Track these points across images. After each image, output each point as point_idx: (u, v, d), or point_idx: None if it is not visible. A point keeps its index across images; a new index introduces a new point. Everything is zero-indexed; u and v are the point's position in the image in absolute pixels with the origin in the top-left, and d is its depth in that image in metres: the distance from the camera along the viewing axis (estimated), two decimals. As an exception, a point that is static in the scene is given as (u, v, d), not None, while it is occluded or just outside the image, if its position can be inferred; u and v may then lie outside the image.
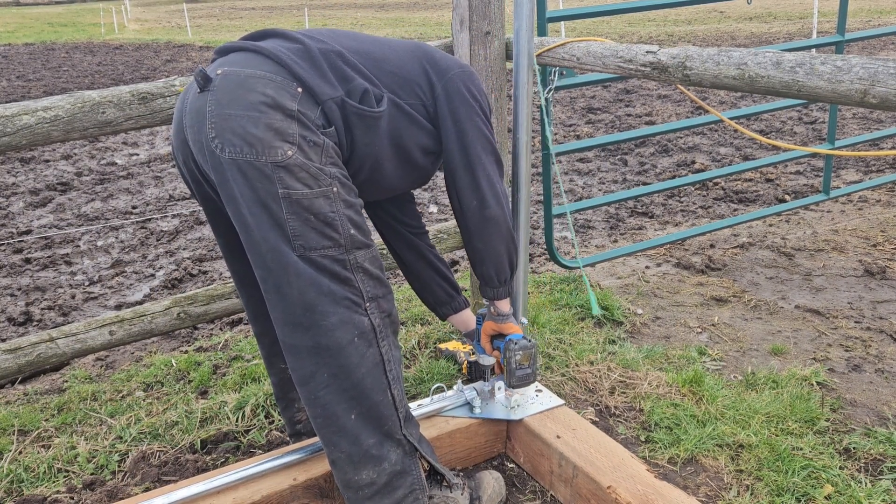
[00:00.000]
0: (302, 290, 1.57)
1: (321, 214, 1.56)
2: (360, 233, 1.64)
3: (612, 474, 1.88)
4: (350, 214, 1.61)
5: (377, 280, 1.67)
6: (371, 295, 1.65)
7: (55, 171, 6.53)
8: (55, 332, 2.23)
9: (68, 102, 1.98)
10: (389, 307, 1.70)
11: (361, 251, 1.64)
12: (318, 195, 1.55)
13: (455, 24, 2.62)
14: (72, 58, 16.04)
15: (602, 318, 2.97)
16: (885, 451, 2.08)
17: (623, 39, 15.16)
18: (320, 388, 1.62)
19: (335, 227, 1.58)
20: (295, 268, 1.56)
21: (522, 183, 2.16)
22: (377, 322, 1.65)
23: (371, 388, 1.64)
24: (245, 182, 1.52)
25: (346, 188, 1.61)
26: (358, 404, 1.64)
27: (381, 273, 1.69)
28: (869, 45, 12.24)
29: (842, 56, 1.53)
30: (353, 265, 1.62)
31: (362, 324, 1.63)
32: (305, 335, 1.60)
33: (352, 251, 1.61)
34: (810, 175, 5.34)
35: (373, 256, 1.67)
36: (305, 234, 1.56)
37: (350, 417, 1.64)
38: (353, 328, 1.61)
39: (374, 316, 1.65)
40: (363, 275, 1.64)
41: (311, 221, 1.55)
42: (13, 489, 2.09)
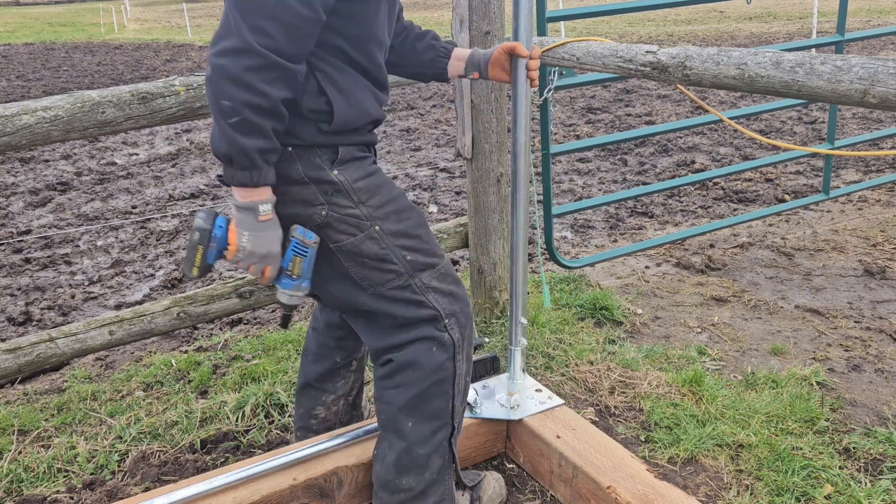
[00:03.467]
0: (384, 320, 1.69)
1: (373, 254, 1.63)
2: (420, 255, 1.69)
3: (612, 474, 1.88)
4: (402, 243, 1.67)
5: (450, 296, 1.72)
6: (448, 311, 1.71)
7: (55, 170, 6.52)
8: (55, 332, 2.23)
9: (68, 102, 1.98)
10: (466, 320, 1.76)
11: (426, 272, 1.69)
12: (364, 239, 1.62)
13: (455, 23, 2.62)
14: (71, 57, 16.04)
15: (602, 317, 2.97)
16: (885, 451, 2.08)
17: (623, 39, 15.16)
18: (390, 388, 1.71)
19: (391, 261, 1.65)
20: (372, 304, 1.67)
21: (522, 183, 2.16)
22: (457, 337, 1.72)
23: (435, 396, 1.71)
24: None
25: (388, 218, 1.66)
26: (419, 412, 1.71)
27: (453, 287, 1.74)
28: (869, 45, 12.23)
29: (842, 56, 1.53)
30: (422, 288, 1.68)
31: (442, 339, 1.70)
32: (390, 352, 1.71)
33: (415, 275, 1.68)
34: (810, 175, 5.34)
35: (441, 274, 1.72)
36: (369, 275, 1.65)
37: (408, 424, 1.71)
38: (433, 343, 1.69)
39: (454, 331, 1.72)
40: (434, 294, 1.70)
41: (368, 263, 1.64)
42: (13, 489, 2.09)
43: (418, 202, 5.13)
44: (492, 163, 2.73)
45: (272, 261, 1.57)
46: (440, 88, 9.89)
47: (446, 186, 5.52)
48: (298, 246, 1.62)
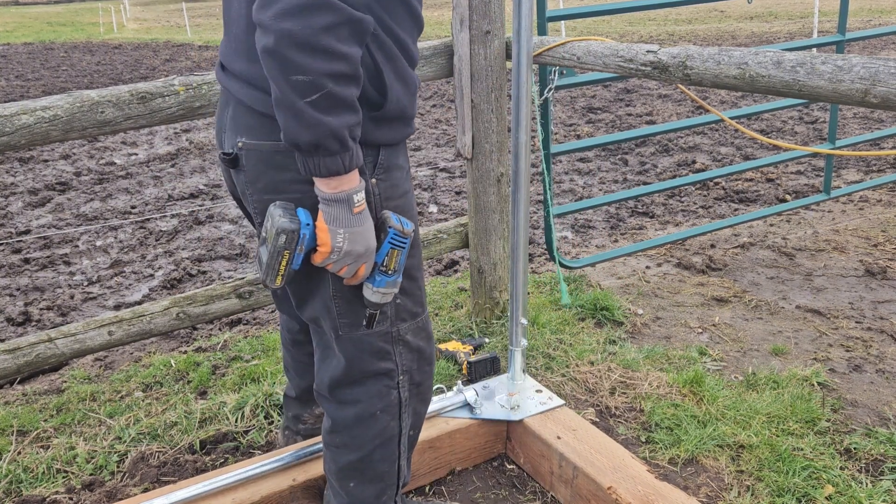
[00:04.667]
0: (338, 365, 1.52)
1: None
2: (410, 301, 1.52)
3: (613, 475, 1.88)
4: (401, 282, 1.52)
5: (417, 352, 1.56)
6: (405, 368, 1.55)
7: (54, 170, 6.52)
8: (54, 333, 2.22)
9: (67, 102, 1.98)
10: (422, 378, 1.60)
11: (406, 323, 1.52)
12: None
13: (455, 23, 2.62)
14: (70, 57, 16.04)
15: (602, 318, 2.96)
16: (886, 452, 2.08)
17: (623, 39, 15.16)
18: (331, 445, 1.61)
19: None
20: (336, 345, 1.50)
21: (522, 183, 2.15)
22: (404, 396, 1.57)
23: (379, 460, 1.60)
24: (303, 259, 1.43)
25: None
26: (361, 475, 1.60)
27: (423, 343, 1.57)
28: (870, 45, 12.23)
29: (843, 55, 1.53)
30: (396, 338, 1.52)
31: (389, 397, 1.55)
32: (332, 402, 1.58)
33: (396, 323, 1.51)
34: (811, 175, 5.34)
35: (418, 327, 1.55)
36: (352, 313, 1.45)
37: (350, 484, 1.62)
38: (378, 401, 1.54)
39: (404, 390, 1.57)
40: (403, 347, 1.54)
41: (355, 300, 1.44)
42: (12, 489, 2.08)
43: (418, 202, 5.13)
44: (492, 163, 2.73)
45: (369, 257, 1.36)
46: (440, 88, 9.89)
47: (446, 186, 5.52)
48: (397, 237, 1.40)
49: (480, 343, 2.73)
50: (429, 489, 2.10)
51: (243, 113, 1.37)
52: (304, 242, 1.32)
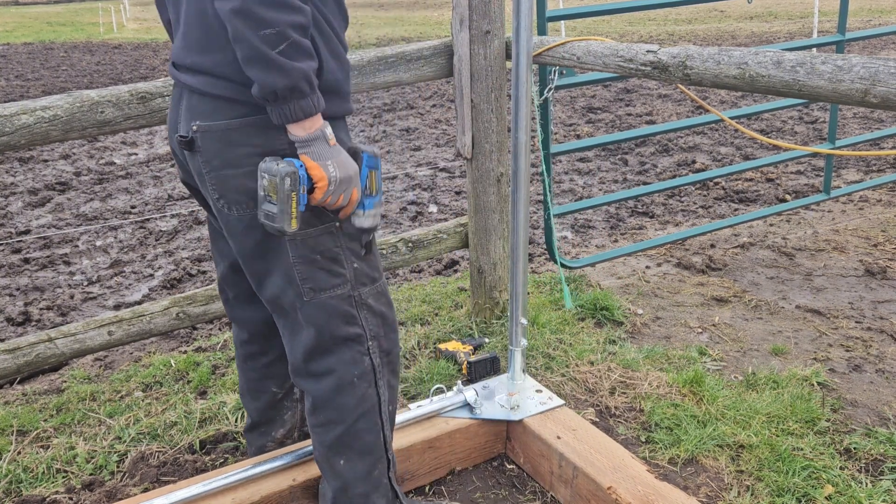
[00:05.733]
0: (308, 335, 1.58)
1: (326, 251, 1.55)
2: (366, 266, 1.61)
3: (613, 475, 1.88)
4: (353, 247, 1.59)
5: (380, 317, 1.64)
6: (373, 334, 1.62)
7: (54, 170, 6.52)
8: (54, 333, 2.22)
9: (67, 102, 1.98)
10: (390, 345, 1.67)
11: (367, 287, 1.61)
12: (322, 232, 1.53)
13: (455, 23, 2.62)
14: (70, 57, 16.03)
15: (602, 318, 2.96)
16: (886, 452, 2.08)
17: (623, 39, 15.15)
18: (317, 426, 1.64)
19: (341, 263, 1.56)
20: (303, 313, 1.56)
21: (522, 183, 2.15)
22: (377, 362, 1.63)
23: (365, 431, 1.63)
24: (258, 234, 1.52)
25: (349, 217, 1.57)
26: (349, 449, 1.64)
27: (385, 309, 1.65)
28: (870, 45, 12.23)
29: (842, 55, 1.53)
30: (359, 302, 1.60)
31: (363, 363, 1.61)
32: (309, 377, 1.62)
33: (357, 287, 1.59)
34: (811, 175, 5.34)
35: (378, 292, 1.64)
36: (314, 276, 1.55)
37: (340, 462, 1.64)
38: (354, 368, 1.60)
39: (375, 355, 1.63)
40: (367, 312, 1.61)
41: (318, 262, 1.54)
42: (12, 489, 2.08)
43: (418, 202, 5.13)
44: (492, 162, 2.73)
45: (356, 181, 1.49)
46: (440, 88, 9.89)
47: (446, 186, 5.52)
48: (371, 159, 1.53)
49: (480, 343, 2.73)
50: (429, 489, 2.10)
51: (197, 100, 1.49)
52: (304, 182, 1.43)
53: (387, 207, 5.07)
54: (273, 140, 1.46)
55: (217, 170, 1.48)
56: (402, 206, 5.07)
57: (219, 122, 1.47)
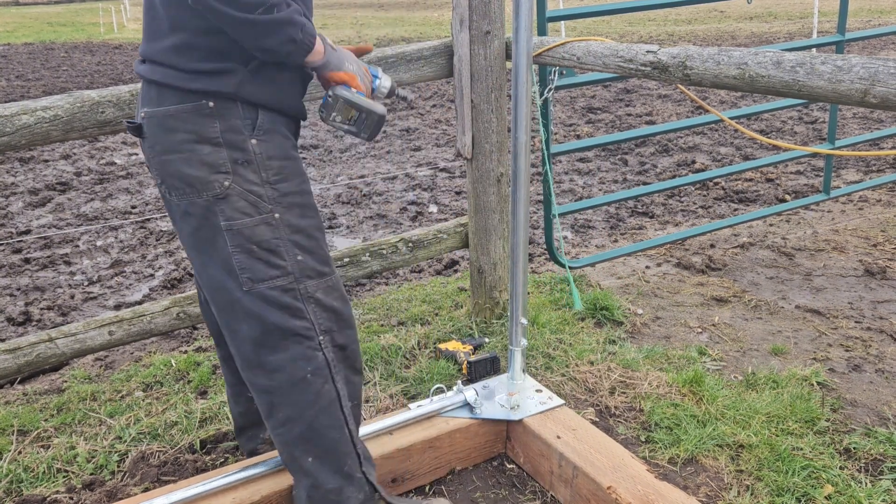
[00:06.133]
0: (251, 328, 1.55)
1: (264, 242, 1.53)
2: (312, 259, 1.58)
3: (613, 474, 1.88)
4: (297, 239, 1.56)
5: (332, 312, 1.61)
6: (324, 328, 1.59)
7: (54, 170, 6.52)
8: (54, 332, 2.23)
9: (67, 102, 1.98)
10: (345, 341, 1.64)
11: (313, 280, 1.58)
12: (259, 223, 1.52)
13: (455, 23, 2.62)
14: (71, 57, 16.04)
15: (602, 318, 2.96)
16: (886, 451, 2.08)
17: (623, 39, 15.16)
18: (278, 427, 1.61)
19: (280, 255, 1.54)
20: (242, 305, 1.54)
21: (522, 183, 2.15)
22: (331, 356, 1.60)
23: (328, 427, 1.61)
24: (194, 221, 1.54)
25: (291, 209, 1.56)
26: (314, 446, 1.61)
27: (337, 304, 1.62)
28: (869, 45, 12.23)
29: (842, 56, 1.53)
30: (304, 295, 1.57)
31: (316, 359, 1.58)
32: (260, 373, 1.59)
33: (302, 280, 1.57)
34: (810, 175, 5.34)
35: (328, 286, 1.61)
36: (252, 266, 1.53)
37: (307, 460, 1.62)
38: (307, 363, 1.57)
39: (328, 350, 1.60)
40: (315, 306, 1.58)
41: (254, 252, 1.52)
42: (13, 489, 2.09)
43: (418, 202, 5.13)
44: (492, 163, 2.73)
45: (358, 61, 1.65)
46: (440, 88, 9.89)
47: (446, 186, 5.52)
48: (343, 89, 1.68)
49: (480, 343, 2.73)
50: (429, 489, 2.10)
51: (146, 88, 1.55)
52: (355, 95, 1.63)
53: (387, 207, 5.07)
54: (206, 127, 1.49)
55: (159, 155, 1.52)
56: (402, 206, 5.07)
57: (160, 109, 1.51)
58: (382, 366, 2.62)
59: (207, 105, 1.48)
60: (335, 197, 5.37)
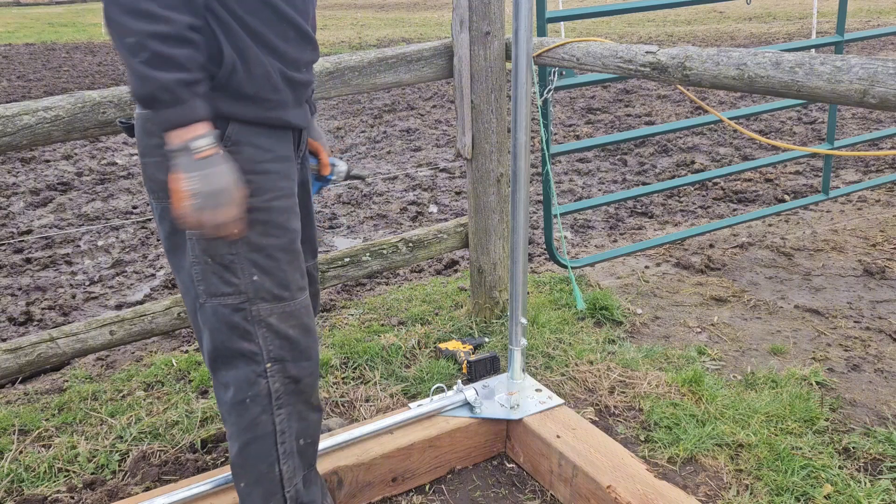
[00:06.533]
0: (207, 340, 1.51)
1: (219, 257, 1.45)
2: (269, 281, 1.47)
3: (612, 474, 1.89)
4: (255, 258, 1.46)
5: (286, 340, 1.50)
6: (274, 356, 1.49)
7: (56, 170, 6.53)
8: (56, 332, 2.23)
9: (69, 102, 1.99)
10: (299, 373, 1.53)
11: (267, 304, 1.48)
12: None
13: (455, 24, 2.63)
14: (72, 58, 16.04)
15: (602, 317, 2.97)
16: (885, 451, 2.09)
17: (623, 40, 15.16)
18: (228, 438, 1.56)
19: (234, 272, 1.46)
20: (201, 315, 1.50)
21: (522, 183, 2.16)
22: (276, 387, 1.50)
23: (256, 458, 1.53)
24: (167, 225, 1.50)
25: (254, 227, 1.45)
26: (245, 473, 1.55)
27: (294, 333, 1.51)
28: (868, 46, 12.23)
29: (841, 56, 1.54)
30: (255, 318, 1.47)
31: (257, 386, 1.49)
32: (215, 384, 1.56)
33: (255, 301, 1.47)
34: (810, 175, 5.34)
35: (285, 312, 1.50)
36: (207, 279, 1.47)
37: (240, 484, 1.56)
38: (247, 388, 1.49)
39: (274, 380, 1.50)
40: (266, 331, 1.48)
41: (209, 265, 1.46)
42: (14, 489, 2.09)
43: (418, 202, 5.13)
44: (492, 163, 2.74)
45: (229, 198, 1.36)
46: (440, 89, 9.90)
47: (446, 186, 5.53)
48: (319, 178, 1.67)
49: (480, 342, 2.73)
50: (429, 488, 2.11)
51: None
52: None
53: (387, 207, 5.08)
54: None
55: (141, 156, 1.50)
56: (402, 206, 5.08)
57: (143, 111, 1.47)
58: (383, 365, 2.63)
59: None
60: (336, 197, 5.38)
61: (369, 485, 2.01)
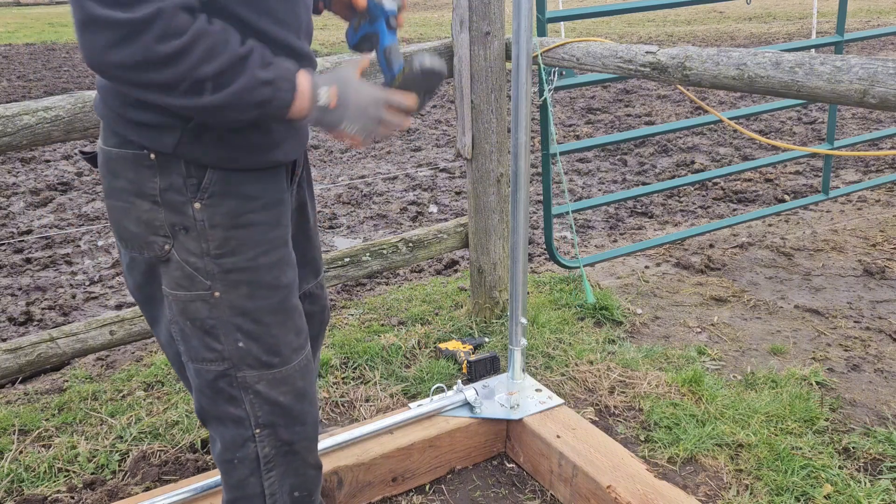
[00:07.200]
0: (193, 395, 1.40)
1: (199, 321, 1.29)
2: (257, 347, 1.32)
3: (612, 474, 1.89)
4: (240, 323, 1.30)
5: (278, 407, 1.35)
6: (264, 422, 1.35)
7: (56, 170, 6.53)
8: (56, 332, 2.23)
9: (69, 102, 1.99)
10: (292, 437, 1.39)
11: (255, 371, 1.32)
12: (194, 299, 1.28)
13: (455, 24, 2.63)
14: (72, 58, 16.04)
15: (602, 317, 2.97)
16: (885, 451, 2.09)
17: (623, 40, 15.16)
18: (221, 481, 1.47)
19: (216, 338, 1.30)
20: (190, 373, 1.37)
21: (522, 183, 2.16)
22: (265, 452, 1.37)
23: None
24: (138, 276, 1.35)
25: (237, 288, 1.29)
26: None
27: (285, 399, 1.36)
28: (868, 46, 12.24)
29: (841, 56, 1.54)
30: (242, 384, 1.32)
31: (245, 449, 1.37)
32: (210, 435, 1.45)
33: (241, 368, 1.32)
34: (809, 175, 5.35)
35: (275, 379, 1.34)
36: (187, 342, 1.32)
37: None
38: (235, 449, 1.37)
39: (264, 445, 1.37)
40: (254, 398, 1.33)
41: (188, 328, 1.30)
42: (14, 489, 2.09)
43: (419, 202, 5.14)
44: (492, 163, 2.74)
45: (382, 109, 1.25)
46: (440, 89, 9.90)
47: (446, 186, 5.53)
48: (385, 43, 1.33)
49: (480, 342, 2.74)
50: (429, 488, 2.11)
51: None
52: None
53: (387, 207, 5.08)
54: (146, 181, 1.24)
55: (105, 197, 1.31)
56: (402, 206, 5.08)
57: (104, 147, 1.29)
58: (383, 365, 2.63)
59: (148, 156, 1.23)
60: (335, 197, 5.38)
61: (369, 485, 2.01)
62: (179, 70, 1.08)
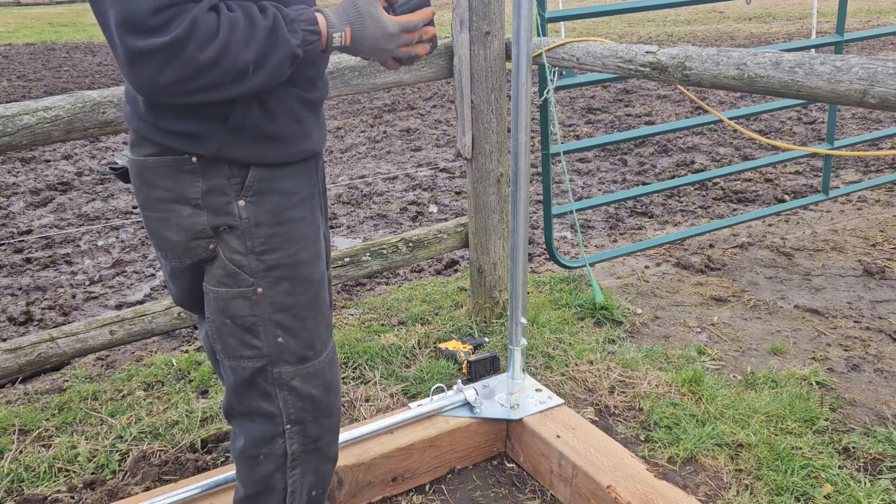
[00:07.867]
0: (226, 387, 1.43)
1: (239, 318, 1.33)
2: (294, 342, 1.36)
3: (612, 474, 1.89)
4: (280, 319, 1.34)
5: (310, 401, 1.40)
6: (295, 418, 1.40)
7: (56, 170, 6.53)
8: (56, 332, 2.23)
9: (69, 102, 1.99)
10: (319, 432, 1.44)
11: (291, 367, 1.37)
12: (237, 296, 1.32)
13: (455, 24, 2.63)
14: (72, 58, 16.04)
15: (602, 317, 2.97)
16: (885, 451, 2.09)
17: (623, 39, 15.16)
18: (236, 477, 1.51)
19: (257, 335, 1.34)
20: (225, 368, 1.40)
21: (522, 183, 2.16)
22: (293, 449, 1.42)
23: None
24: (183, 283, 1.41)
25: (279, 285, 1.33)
26: None
27: (317, 392, 1.41)
28: (868, 46, 12.23)
29: (841, 56, 1.54)
30: (278, 381, 1.37)
31: (273, 445, 1.41)
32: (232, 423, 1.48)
33: (278, 364, 1.36)
34: (809, 175, 5.35)
35: (309, 373, 1.39)
36: (224, 340, 1.35)
37: None
38: (263, 445, 1.41)
39: (293, 442, 1.41)
40: (289, 394, 1.38)
41: (227, 326, 1.34)
42: (14, 489, 2.09)
43: (419, 202, 5.14)
44: (492, 163, 2.74)
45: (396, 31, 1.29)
46: (440, 89, 9.90)
47: (446, 186, 5.53)
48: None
49: (480, 342, 2.74)
50: (429, 488, 2.11)
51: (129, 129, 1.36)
52: None
53: (387, 207, 5.08)
54: (187, 186, 1.27)
55: (141, 209, 1.34)
56: (402, 206, 5.08)
57: (139, 158, 1.30)
58: (383, 365, 2.63)
59: (190, 160, 1.26)
60: (336, 197, 5.37)
61: (369, 485, 2.01)
62: (223, 67, 1.14)
